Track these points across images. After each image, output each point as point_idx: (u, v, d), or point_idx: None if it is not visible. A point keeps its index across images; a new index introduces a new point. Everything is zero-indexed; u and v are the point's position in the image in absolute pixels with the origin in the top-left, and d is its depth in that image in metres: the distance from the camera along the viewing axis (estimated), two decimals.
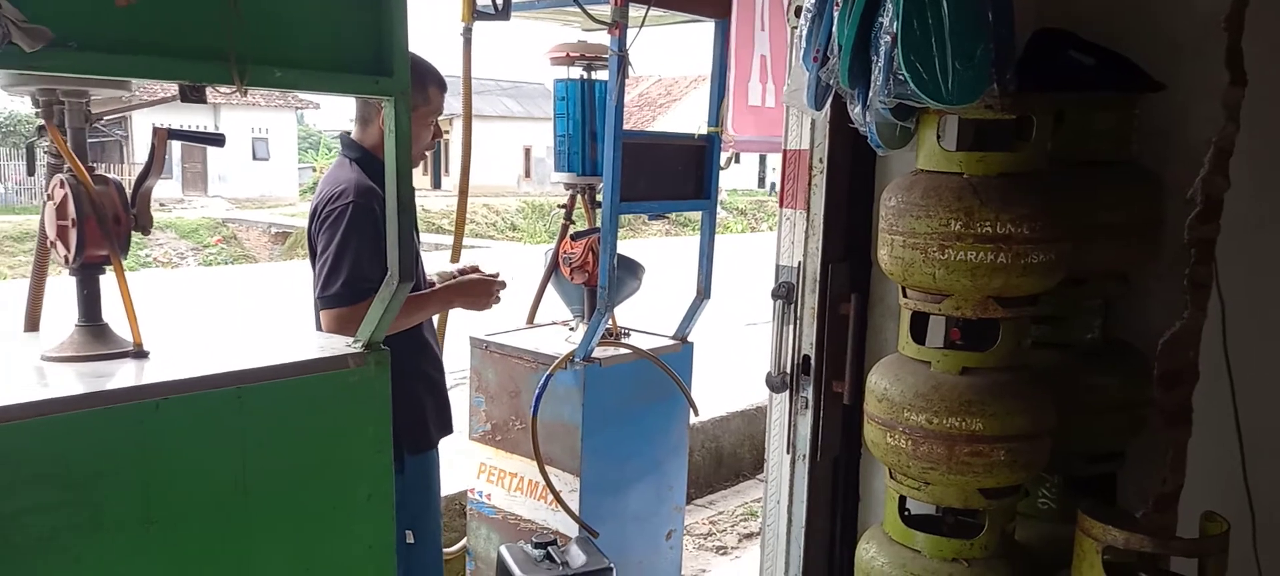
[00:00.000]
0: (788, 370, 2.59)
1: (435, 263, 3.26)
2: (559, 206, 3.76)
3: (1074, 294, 2.13)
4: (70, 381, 1.57)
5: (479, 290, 2.93)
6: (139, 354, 1.73)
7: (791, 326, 2.57)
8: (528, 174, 34.67)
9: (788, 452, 2.64)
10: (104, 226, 1.68)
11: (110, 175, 1.75)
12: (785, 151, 2.55)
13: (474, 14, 3.26)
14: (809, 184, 2.50)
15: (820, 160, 2.47)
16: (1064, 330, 2.21)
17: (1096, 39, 2.12)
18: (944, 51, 1.74)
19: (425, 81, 2.73)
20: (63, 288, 1.83)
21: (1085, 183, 2.07)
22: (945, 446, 1.92)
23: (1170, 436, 1.90)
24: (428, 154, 2.99)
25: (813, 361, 2.54)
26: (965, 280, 1.88)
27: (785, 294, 2.57)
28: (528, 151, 34.76)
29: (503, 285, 2.99)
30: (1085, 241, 2.02)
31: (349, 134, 2.82)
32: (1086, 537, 1.89)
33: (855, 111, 1.95)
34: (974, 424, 1.90)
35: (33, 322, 1.99)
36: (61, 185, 1.67)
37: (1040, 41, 2.15)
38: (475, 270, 3.02)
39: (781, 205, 2.60)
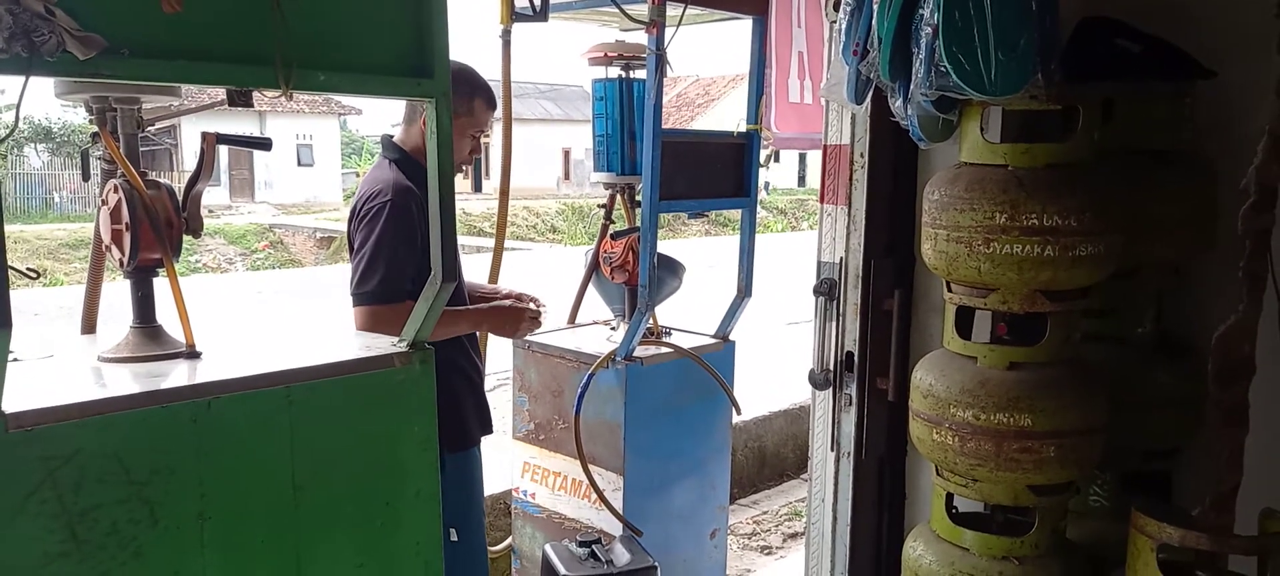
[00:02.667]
0: (831, 367, 2.58)
1: (476, 265, 3.29)
2: (599, 206, 3.77)
3: (1125, 287, 2.09)
4: (127, 381, 1.61)
5: (511, 317, 2.94)
6: (192, 354, 1.77)
7: (834, 323, 2.55)
8: (567, 176, 34.81)
9: (832, 450, 2.62)
10: (157, 230, 1.72)
11: (161, 180, 1.79)
12: (825, 146, 2.53)
13: (512, 16, 3.28)
14: (850, 179, 2.48)
15: (861, 155, 2.45)
16: (1116, 324, 2.17)
17: (1144, 26, 2.07)
18: (987, 42, 1.71)
19: (473, 93, 2.74)
20: (119, 292, 1.87)
21: (1136, 173, 2.03)
22: (993, 442, 1.90)
23: (1226, 433, 1.85)
24: (467, 164, 2.98)
25: (856, 358, 2.52)
26: (1011, 274, 1.85)
27: (827, 290, 2.56)
28: (567, 154, 34.91)
29: (537, 316, 2.98)
30: (1136, 233, 1.98)
31: (391, 137, 2.85)
32: (1141, 536, 1.85)
33: (896, 105, 1.93)
34: (1022, 419, 1.87)
35: (89, 325, 2.04)
36: (115, 190, 1.72)
37: (1086, 30, 2.11)
38: (516, 297, 3.03)
39: (822, 201, 2.58)
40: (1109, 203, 1.87)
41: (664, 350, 3.46)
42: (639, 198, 3.42)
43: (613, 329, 3.66)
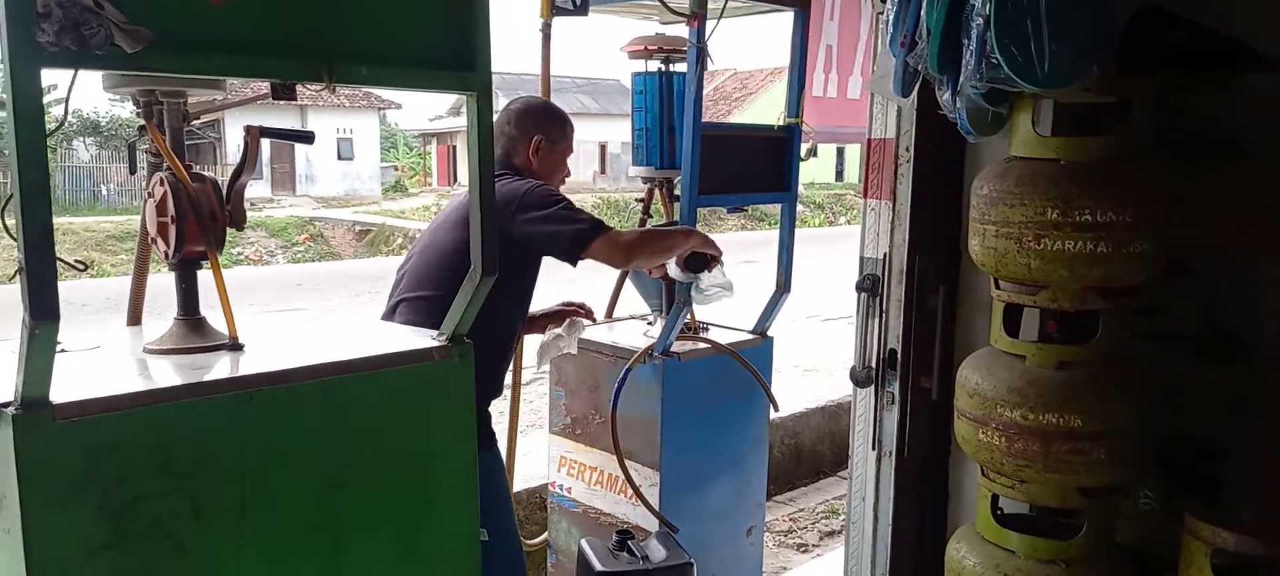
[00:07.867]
0: (873, 365, 2.54)
1: None
2: (637, 201, 3.74)
3: (1178, 282, 2.03)
4: (171, 373, 1.63)
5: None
6: (234, 347, 1.78)
7: (877, 320, 2.51)
8: (604, 171, 34.78)
9: (873, 449, 2.59)
10: (201, 222, 1.73)
11: (206, 173, 1.80)
12: (870, 140, 2.49)
13: (553, 10, 3.27)
14: (895, 173, 2.44)
15: (907, 149, 2.41)
16: (1167, 321, 2.11)
17: (1200, 17, 2.01)
18: (1040, 33, 1.67)
19: (564, 123, 3.02)
20: (164, 285, 1.89)
21: (1191, 166, 1.97)
22: (1041, 443, 1.86)
23: None
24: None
25: (899, 356, 2.48)
26: (1063, 270, 1.81)
27: (870, 286, 2.52)
28: (603, 148, 34.87)
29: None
30: (1190, 228, 1.92)
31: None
32: (1195, 540, 1.80)
33: (944, 98, 1.89)
34: (1072, 420, 1.83)
35: (135, 317, 2.07)
36: (161, 183, 1.73)
37: (1141, 20, 2.05)
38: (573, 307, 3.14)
39: (865, 195, 2.54)
40: (1164, 197, 1.82)
41: (701, 345, 3.44)
42: (678, 191, 3.40)
43: (650, 324, 3.65)
